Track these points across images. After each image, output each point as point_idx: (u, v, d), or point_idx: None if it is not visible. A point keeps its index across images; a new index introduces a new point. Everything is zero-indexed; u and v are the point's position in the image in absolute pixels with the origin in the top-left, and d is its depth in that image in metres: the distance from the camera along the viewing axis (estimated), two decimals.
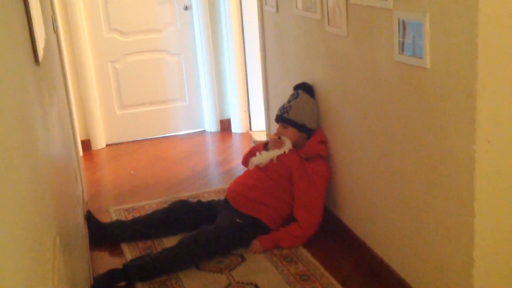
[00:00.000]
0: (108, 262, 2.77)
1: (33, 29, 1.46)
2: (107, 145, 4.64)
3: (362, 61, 2.39)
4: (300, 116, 2.86)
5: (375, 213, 2.49)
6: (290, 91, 3.03)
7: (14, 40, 1.15)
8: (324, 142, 2.87)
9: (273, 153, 2.87)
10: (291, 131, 2.87)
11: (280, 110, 2.94)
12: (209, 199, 3.21)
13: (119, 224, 3.03)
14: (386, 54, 2.17)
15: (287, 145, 2.85)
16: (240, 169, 3.50)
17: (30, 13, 1.44)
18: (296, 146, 2.89)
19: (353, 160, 2.65)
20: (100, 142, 4.60)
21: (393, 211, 2.32)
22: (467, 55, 1.71)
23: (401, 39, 2.03)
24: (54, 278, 1.06)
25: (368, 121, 2.42)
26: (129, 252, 2.86)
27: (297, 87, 2.96)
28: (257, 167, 2.92)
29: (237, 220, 2.81)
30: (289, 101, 2.92)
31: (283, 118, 2.90)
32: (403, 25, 2.01)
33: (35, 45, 1.47)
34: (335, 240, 2.85)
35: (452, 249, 1.95)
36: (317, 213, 2.80)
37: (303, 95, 2.90)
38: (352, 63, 2.48)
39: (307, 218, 2.79)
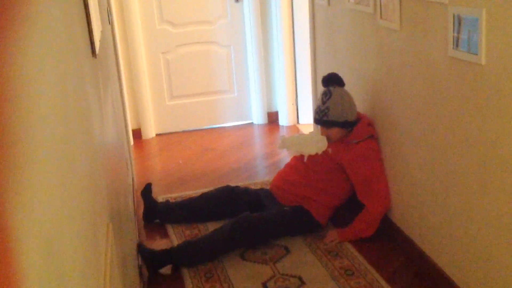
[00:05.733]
0: (154, 246, 2.85)
1: (91, 23, 1.50)
2: (157, 135, 4.74)
3: (414, 56, 2.35)
4: (341, 115, 2.79)
5: (424, 211, 2.45)
6: None
7: (74, 34, 1.19)
8: (371, 124, 2.86)
9: (306, 150, 2.85)
10: (335, 130, 2.84)
11: (317, 113, 2.86)
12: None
13: (166, 206, 3.15)
14: (440, 49, 2.12)
15: (322, 145, 2.81)
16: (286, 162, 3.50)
17: (88, 8, 1.49)
18: (341, 136, 2.86)
19: (403, 158, 2.61)
20: (150, 131, 4.71)
21: (444, 210, 2.28)
22: None
23: (455, 35, 1.99)
24: (107, 261, 1.11)
25: (420, 117, 2.38)
26: (174, 234, 2.98)
27: (326, 81, 2.86)
28: (299, 161, 2.94)
29: (285, 208, 2.85)
30: (324, 102, 2.83)
31: (324, 121, 2.83)
32: (458, 21, 1.96)
33: (93, 38, 1.52)
34: (381, 237, 2.82)
35: (503, 251, 1.91)
36: (380, 189, 2.77)
37: (335, 91, 2.81)
38: (405, 57, 2.44)
39: (371, 199, 2.76)
